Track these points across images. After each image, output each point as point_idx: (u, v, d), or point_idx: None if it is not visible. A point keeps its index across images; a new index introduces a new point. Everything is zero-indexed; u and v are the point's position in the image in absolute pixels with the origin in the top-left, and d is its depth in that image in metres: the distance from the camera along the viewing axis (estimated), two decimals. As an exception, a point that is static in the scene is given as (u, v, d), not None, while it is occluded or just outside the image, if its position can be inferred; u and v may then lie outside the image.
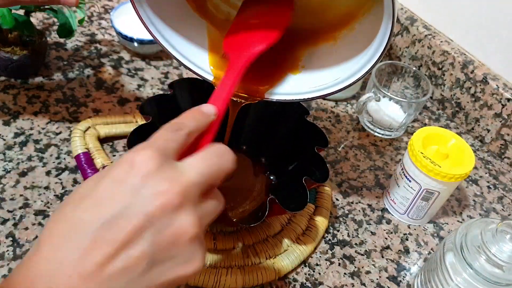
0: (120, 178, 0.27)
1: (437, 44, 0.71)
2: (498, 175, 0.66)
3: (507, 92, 0.64)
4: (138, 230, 0.25)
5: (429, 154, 0.50)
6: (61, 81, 0.65)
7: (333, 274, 0.50)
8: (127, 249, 0.25)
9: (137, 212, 0.26)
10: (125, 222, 0.25)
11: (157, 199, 0.26)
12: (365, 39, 0.39)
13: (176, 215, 0.26)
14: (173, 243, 0.26)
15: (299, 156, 0.52)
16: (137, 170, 0.27)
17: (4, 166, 0.53)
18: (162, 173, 0.27)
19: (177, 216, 0.26)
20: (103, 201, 0.26)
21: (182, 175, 0.27)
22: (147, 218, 0.26)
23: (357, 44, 0.41)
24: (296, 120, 0.53)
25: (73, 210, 0.26)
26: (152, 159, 0.27)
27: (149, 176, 0.27)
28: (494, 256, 0.40)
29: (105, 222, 0.25)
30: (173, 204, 0.26)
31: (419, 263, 0.52)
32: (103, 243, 0.25)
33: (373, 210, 0.57)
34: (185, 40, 0.46)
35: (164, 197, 0.26)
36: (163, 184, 0.27)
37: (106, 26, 0.76)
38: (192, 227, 0.27)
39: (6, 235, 0.47)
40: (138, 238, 0.25)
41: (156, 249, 0.26)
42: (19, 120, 0.58)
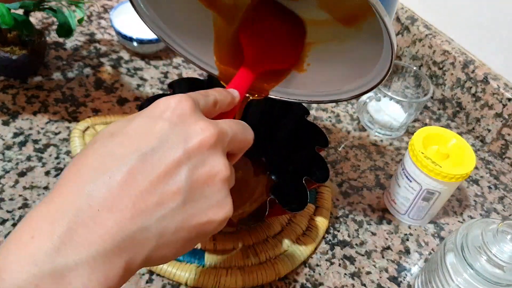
0: (155, 115, 0.27)
1: (437, 43, 0.71)
2: (499, 175, 0.65)
3: (507, 92, 0.64)
4: (176, 165, 0.25)
5: (429, 154, 0.50)
6: (60, 81, 0.64)
7: (333, 274, 0.49)
8: (163, 184, 0.24)
9: (175, 145, 0.25)
10: (163, 156, 0.25)
11: (196, 135, 0.26)
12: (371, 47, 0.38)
13: (212, 154, 0.27)
14: (208, 181, 0.26)
15: (299, 156, 0.52)
16: (173, 109, 0.27)
17: (3, 166, 0.53)
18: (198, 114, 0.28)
19: (212, 156, 0.27)
20: (138, 135, 0.25)
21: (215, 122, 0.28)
22: (185, 153, 0.25)
23: (363, 50, 0.41)
24: (296, 120, 0.53)
25: (104, 145, 0.25)
26: (187, 102, 0.27)
27: (186, 114, 0.27)
28: (494, 257, 0.39)
29: (141, 155, 0.24)
30: (210, 143, 0.26)
31: (420, 264, 0.52)
32: (138, 176, 0.24)
33: (373, 210, 0.57)
34: (189, 35, 0.46)
35: (202, 135, 0.26)
36: (201, 123, 0.27)
37: (106, 26, 0.76)
38: (226, 168, 0.27)
39: (5, 235, 0.47)
40: (175, 173, 0.25)
41: (191, 186, 0.25)
42: (18, 120, 0.58)
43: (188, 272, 0.46)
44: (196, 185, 0.26)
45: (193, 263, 0.47)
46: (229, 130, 0.29)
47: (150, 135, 0.25)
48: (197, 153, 0.26)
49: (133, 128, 0.26)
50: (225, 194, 0.27)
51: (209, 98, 0.31)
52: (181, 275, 0.45)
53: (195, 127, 0.27)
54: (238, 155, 0.32)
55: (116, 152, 0.25)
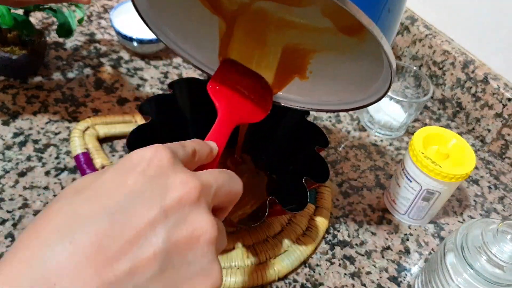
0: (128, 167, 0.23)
1: (437, 43, 0.71)
2: (499, 175, 0.65)
3: (508, 92, 0.64)
4: (151, 225, 0.21)
5: (429, 154, 0.50)
6: (60, 81, 0.64)
7: (333, 274, 0.49)
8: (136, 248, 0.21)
9: (150, 202, 0.22)
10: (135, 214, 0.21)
11: (175, 189, 0.23)
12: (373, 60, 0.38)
13: (194, 211, 0.23)
14: (190, 244, 0.23)
15: (299, 156, 0.52)
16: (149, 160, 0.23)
17: (3, 166, 0.53)
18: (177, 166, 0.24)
19: (195, 213, 0.23)
20: (107, 191, 0.22)
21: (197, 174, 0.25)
22: (162, 210, 0.22)
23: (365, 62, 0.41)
24: (296, 120, 0.53)
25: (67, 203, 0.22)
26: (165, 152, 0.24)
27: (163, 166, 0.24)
28: (494, 257, 0.39)
29: (109, 215, 0.21)
30: (192, 198, 0.23)
31: (420, 264, 0.52)
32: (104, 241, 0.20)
33: (373, 210, 0.57)
34: (194, 41, 0.46)
35: (183, 189, 0.23)
36: (181, 175, 0.23)
37: (106, 26, 0.76)
38: (212, 227, 0.23)
39: (5, 235, 0.47)
40: (150, 234, 0.21)
41: (170, 249, 0.22)
42: (18, 120, 0.58)
43: (188, 272, 0.46)
44: (175, 249, 0.22)
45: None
46: (213, 181, 0.25)
47: (121, 191, 0.22)
48: (176, 211, 0.22)
49: (102, 183, 0.22)
50: (211, 259, 0.23)
51: (187, 148, 0.27)
52: (181, 275, 0.45)
53: (174, 180, 0.23)
54: (227, 208, 0.28)
55: (80, 212, 0.21)
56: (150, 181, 0.23)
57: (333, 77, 0.45)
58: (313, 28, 0.44)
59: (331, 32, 0.43)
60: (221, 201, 0.27)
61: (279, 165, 0.55)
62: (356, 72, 0.43)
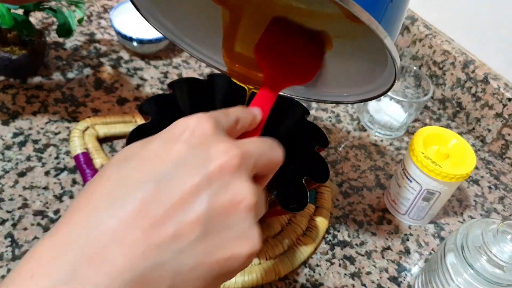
0: (173, 137, 0.24)
1: (437, 43, 0.71)
2: (499, 175, 0.65)
3: (508, 92, 0.64)
4: (195, 191, 0.22)
5: (430, 154, 0.50)
6: (60, 81, 0.64)
7: (333, 275, 0.49)
8: (180, 212, 0.22)
9: (194, 169, 0.23)
10: (180, 181, 0.22)
11: (217, 157, 0.24)
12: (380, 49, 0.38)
13: (235, 179, 0.24)
14: (231, 209, 0.23)
15: (299, 156, 0.52)
16: (193, 130, 0.24)
17: (3, 166, 0.53)
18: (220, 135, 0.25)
19: (236, 180, 0.24)
20: (154, 159, 0.23)
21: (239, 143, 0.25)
22: (205, 177, 0.23)
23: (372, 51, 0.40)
24: (296, 120, 0.53)
25: (117, 171, 0.23)
26: (208, 121, 0.25)
27: (206, 135, 0.25)
28: (495, 257, 0.39)
29: (156, 181, 0.22)
30: (233, 166, 0.24)
31: (420, 264, 0.52)
32: (151, 205, 0.22)
33: (373, 210, 0.57)
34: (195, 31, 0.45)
35: (224, 157, 0.24)
36: (223, 144, 0.24)
37: (106, 26, 0.76)
38: (251, 194, 0.24)
39: (5, 236, 0.47)
40: (193, 200, 0.22)
41: (212, 214, 0.23)
42: (18, 120, 0.58)
43: (188, 272, 0.45)
44: (217, 214, 0.23)
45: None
46: (254, 150, 0.26)
47: (167, 159, 0.23)
48: (218, 178, 0.23)
49: (149, 152, 0.24)
50: (251, 224, 0.24)
51: (230, 116, 0.28)
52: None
53: (216, 148, 0.24)
54: (268, 176, 0.29)
55: (129, 178, 0.22)
56: (193, 149, 0.24)
57: (341, 67, 0.44)
58: (320, 14, 0.43)
59: (340, 18, 0.42)
60: (262, 169, 0.27)
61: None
62: (363, 64, 0.42)
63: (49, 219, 0.49)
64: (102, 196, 0.22)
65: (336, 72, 0.45)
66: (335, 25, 0.43)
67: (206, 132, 0.25)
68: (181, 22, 0.45)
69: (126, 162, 0.24)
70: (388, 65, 0.37)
